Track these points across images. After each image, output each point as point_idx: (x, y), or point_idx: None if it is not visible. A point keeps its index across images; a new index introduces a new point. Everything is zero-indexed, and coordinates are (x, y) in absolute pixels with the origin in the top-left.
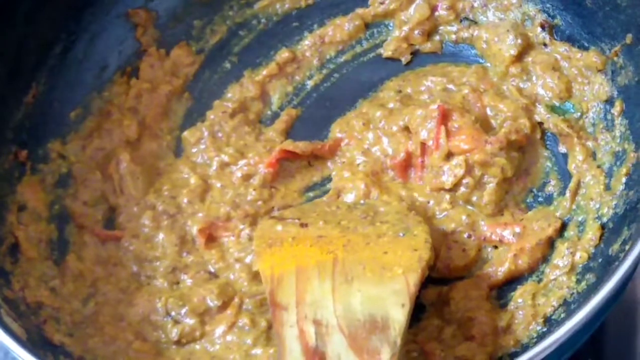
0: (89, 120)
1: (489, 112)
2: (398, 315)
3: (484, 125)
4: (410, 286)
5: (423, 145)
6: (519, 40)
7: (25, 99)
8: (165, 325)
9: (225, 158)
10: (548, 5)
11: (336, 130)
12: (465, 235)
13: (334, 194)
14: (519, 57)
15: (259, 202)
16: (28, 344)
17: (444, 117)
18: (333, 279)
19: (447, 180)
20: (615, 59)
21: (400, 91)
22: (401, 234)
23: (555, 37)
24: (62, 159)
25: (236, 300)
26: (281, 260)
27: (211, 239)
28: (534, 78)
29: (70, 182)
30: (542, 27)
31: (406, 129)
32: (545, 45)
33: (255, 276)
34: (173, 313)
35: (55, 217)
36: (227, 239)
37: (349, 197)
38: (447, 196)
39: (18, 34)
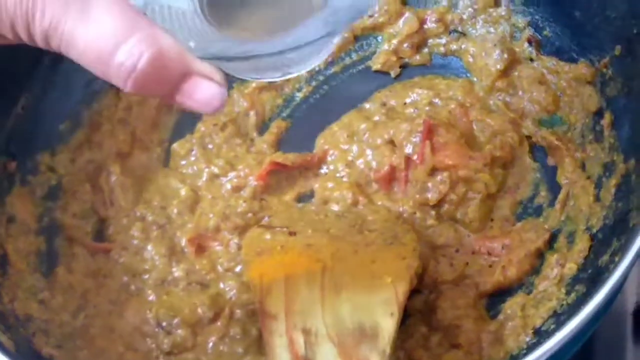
0: (78, 132)
1: (475, 127)
2: (387, 324)
3: (469, 141)
4: (399, 295)
5: (407, 159)
6: (505, 55)
7: (14, 110)
8: (157, 335)
9: (215, 170)
10: (537, 17)
11: (321, 142)
12: (454, 250)
13: (320, 204)
14: (505, 72)
15: (249, 214)
16: (17, 356)
17: (430, 132)
18: (322, 287)
19: (432, 196)
20: (605, 70)
21: (385, 104)
22: (389, 242)
23: (543, 50)
24: (51, 170)
25: (227, 310)
26: (270, 269)
27: (200, 249)
28: (520, 92)
29: (59, 194)
30: (529, 42)
31: (391, 142)
32: (531, 60)
33: (245, 285)
34: (164, 324)
35: (44, 229)
36: (217, 248)
37: (336, 207)
38: (432, 212)
39: (7, 46)
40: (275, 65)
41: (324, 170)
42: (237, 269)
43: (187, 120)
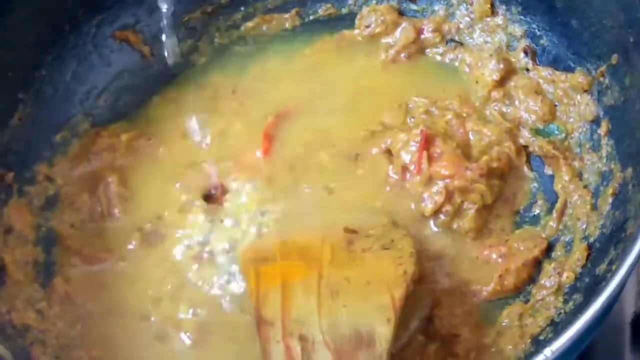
0: (75, 142)
1: (471, 137)
2: (384, 330)
3: (465, 152)
4: (395, 300)
5: (404, 169)
6: (501, 65)
7: (11, 121)
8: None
9: None
10: (534, 26)
11: None
12: (451, 259)
13: None
14: (501, 82)
15: None
16: None
17: (427, 142)
18: (318, 294)
19: (427, 207)
20: (601, 79)
21: None
22: (386, 248)
23: (539, 60)
24: (48, 181)
25: None
26: (266, 275)
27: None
28: (516, 102)
29: (57, 204)
30: (525, 52)
31: (388, 151)
32: (527, 70)
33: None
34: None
35: (42, 240)
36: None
37: None
38: (429, 222)
39: (4, 57)
40: None
41: None
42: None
43: None
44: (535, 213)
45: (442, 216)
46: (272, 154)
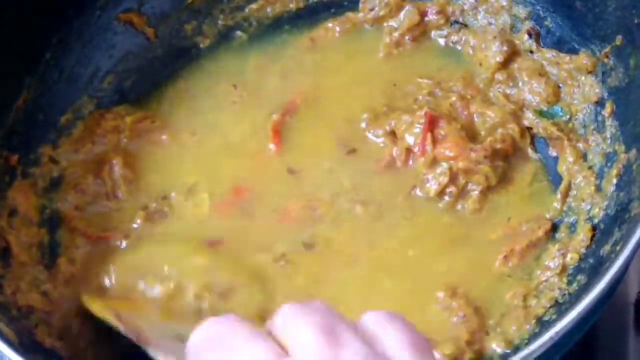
0: (80, 124)
1: (476, 119)
2: None
3: (470, 133)
4: None
5: (408, 150)
6: (505, 47)
7: (15, 103)
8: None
9: None
10: (538, 8)
11: None
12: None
13: None
14: (505, 64)
15: None
16: (19, 348)
17: (431, 124)
18: None
19: (431, 188)
20: (606, 60)
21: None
22: None
23: (544, 41)
24: (53, 163)
25: None
26: None
27: None
28: (520, 84)
29: (61, 186)
30: (529, 34)
31: (392, 133)
32: (531, 52)
33: None
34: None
35: (46, 221)
36: None
37: None
38: (432, 203)
39: (8, 40)
40: None
41: None
42: None
43: None
44: (539, 194)
45: (446, 197)
46: (282, 147)
